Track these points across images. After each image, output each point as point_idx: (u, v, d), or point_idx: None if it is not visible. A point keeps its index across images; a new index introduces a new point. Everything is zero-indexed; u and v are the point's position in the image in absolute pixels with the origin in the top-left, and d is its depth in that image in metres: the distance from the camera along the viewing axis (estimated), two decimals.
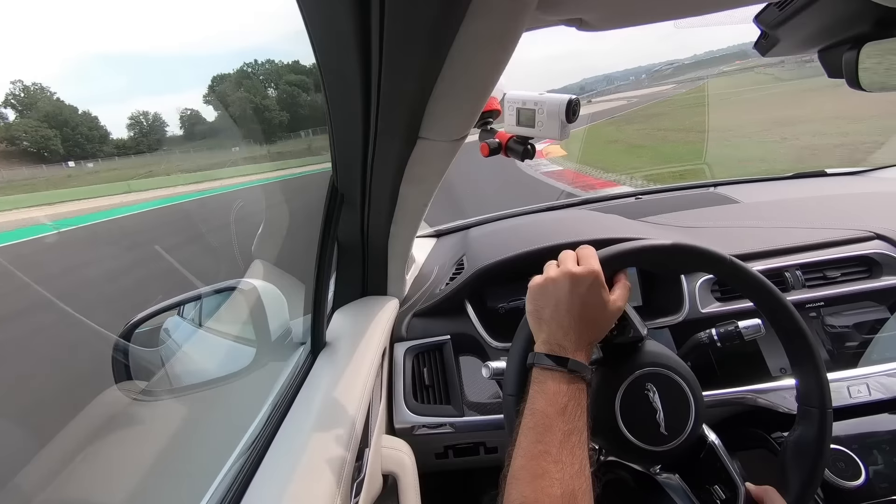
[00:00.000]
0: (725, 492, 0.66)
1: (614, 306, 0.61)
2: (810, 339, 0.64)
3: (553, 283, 0.61)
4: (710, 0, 0.52)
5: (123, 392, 0.77)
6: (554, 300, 0.60)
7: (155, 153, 15.82)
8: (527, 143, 0.82)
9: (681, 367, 0.67)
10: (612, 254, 0.66)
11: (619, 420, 0.63)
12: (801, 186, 1.70)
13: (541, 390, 0.55)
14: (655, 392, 0.64)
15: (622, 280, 0.65)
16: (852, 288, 1.06)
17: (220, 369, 0.81)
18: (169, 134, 30.27)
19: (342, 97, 0.62)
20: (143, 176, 13.43)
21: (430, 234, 1.64)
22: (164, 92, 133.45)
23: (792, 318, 0.64)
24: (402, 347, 1.10)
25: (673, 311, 1.07)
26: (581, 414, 0.54)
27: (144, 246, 5.25)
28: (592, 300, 0.59)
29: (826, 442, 0.62)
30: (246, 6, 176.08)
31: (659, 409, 0.64)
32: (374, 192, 0.84)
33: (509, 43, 0.52)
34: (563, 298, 0.59)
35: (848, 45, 0.67)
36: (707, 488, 0.67)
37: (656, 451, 0.63)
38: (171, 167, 14.69)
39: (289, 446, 0.65)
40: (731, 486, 0.65)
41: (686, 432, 0.64)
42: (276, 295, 0.85)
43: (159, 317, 0.86)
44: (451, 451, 1.07)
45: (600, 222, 1.39)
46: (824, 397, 0.63)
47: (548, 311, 0.60)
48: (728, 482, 0.66)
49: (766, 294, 0.65)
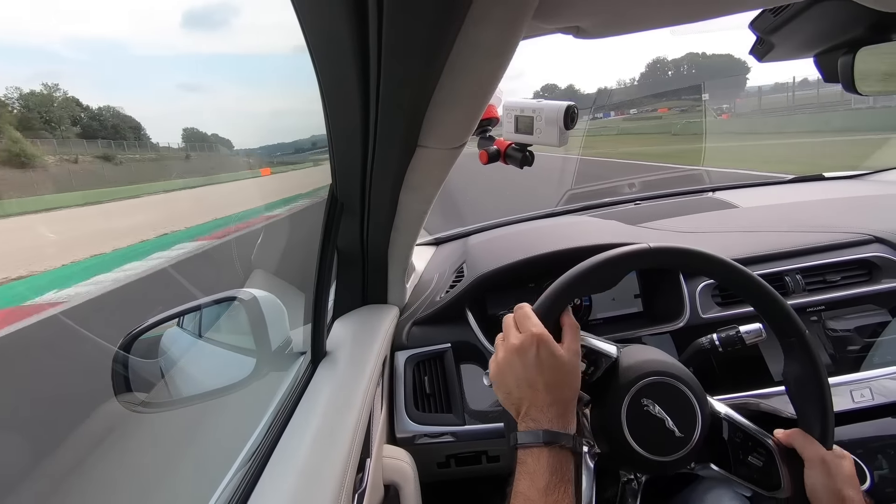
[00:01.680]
0: (760, 457, 0.66)
1: (569, 356, 0.60)
2: (753, 278, 0.66)
3: (505, 362, 0.61)
4: (707, 6, 0.52)
5: (123, 404, 0.76)
6: (513, 379, 0.60)
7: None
8: (525, 150, 0.82)
9: (666, 366, 0.67)
10: (545, 303, 0.65)
11: (635, 447, 0.63)
12: (800, 190, 1.71)
13: (523, 471, 0.55)
14: (653, 404, 0.64)
15: (566, 323, 0.64)
16: (853, 291, 1.06)
17: (220, 380, 0.81)
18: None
19: (341, 106, 0.62)
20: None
21: (429, 242, 1.64)
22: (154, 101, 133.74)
23: (725, 266, 0.67)
24: (402, 356, 1.10)
25: (674, 317, 1.07)
26: (566, 488, 0.53)
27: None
28: (545, 363, 0.58)
29: (817, 363, 0.63)
30: (244, 15, 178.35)
31: (665, 417, 0.64)
32: (374, 200, 0.84)
33: (507, 51, 0.52)
34: (519, 374, 0.59)
35: (843, 50, 0.68)
36: (743, 460, 0.66)
37: (680, 456, 0.63)
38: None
39: (289, 457, 0.64)
40: (762, 447, 0.65)
41: (698, 427, 0.64)
42: (276, 304, 0.85)
43: (159, 328, 0.85)
44: (452, 461, 1.06)
45: (599, 228, 1.39)
46: (797, 325, 0.64)
47: (514, 391, 0.60)
48: (758, 445, 0.66)
49: (698, 258, 0.67)
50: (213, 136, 17.55)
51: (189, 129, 15.67)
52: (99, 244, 5.68)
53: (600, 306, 1.16)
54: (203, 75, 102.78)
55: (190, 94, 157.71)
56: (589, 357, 0.67)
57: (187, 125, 30.60)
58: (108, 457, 0.91)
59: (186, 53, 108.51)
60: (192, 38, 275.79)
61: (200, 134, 15.71)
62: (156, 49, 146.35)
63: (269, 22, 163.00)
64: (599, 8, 0.50)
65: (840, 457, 0.62)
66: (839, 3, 0.55)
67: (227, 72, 60.39)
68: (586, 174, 4.57)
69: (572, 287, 0.66)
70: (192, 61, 75.84)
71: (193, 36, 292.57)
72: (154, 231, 6.81)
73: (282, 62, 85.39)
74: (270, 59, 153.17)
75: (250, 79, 55.19)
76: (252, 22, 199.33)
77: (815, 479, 0.62)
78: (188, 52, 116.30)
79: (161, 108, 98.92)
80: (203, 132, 16.18)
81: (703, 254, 0.68)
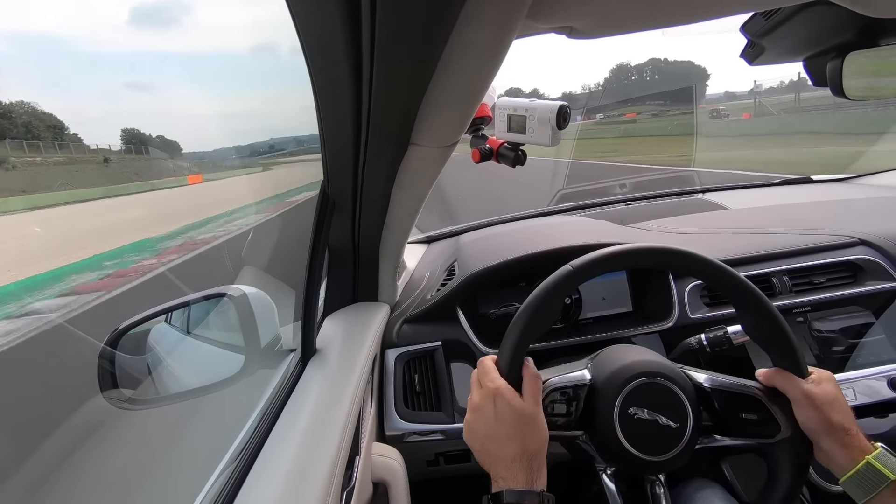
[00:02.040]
0: (753, 410, 0.67)
1: (529, 407, 0.60)
2: (681, 251, 0.67)
3: (471, 419, 0.62)
4: (699, 9, 0.52)
5: (109, 400, 0.76)
6: (478, 436, 0.61)
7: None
8: (518, 149, 0.83)
9: (639, 366, 0.67)
10: (503, 355, 0.64)
11: (641, 456, 0.64)
12: (788, 192, 1.73)
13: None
14: (641, 409, 0.65)
15: (525, 374, 0.63)
16: (838, 293, 1.08)
17: (209, 377, 0.80)
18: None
19: (333, 103, 0.62)
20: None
21: (421, 240, 1.64)
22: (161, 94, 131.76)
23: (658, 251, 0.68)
24: (393, 354, 1.10)
25: (663, 317, 1.08)
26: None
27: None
28: (504, 417, 0.59)
29: (768, 306, 0.65)
30: (239, 14, 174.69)
31: (656, 416, 0.65)
32: (366, 197, 0.84)
33: (500, 51, 0.52)
34: (481, 431, 0.60)
35: (832, 54, 0.68)
36: (740, 419, 0.68)
37: (684, 445, 0.64)
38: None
39: (278, 455, 0.64)
40: (752, 400, 0.67)
41: (689, 413, 0.65)
42: (266, 301, 0.85)
43: (147, 324, 0.84)
44: (442, 459, 1.06)
45: (590, 228, 1.40)
46: (737, 280, 0.66)
47: (480, 448, 0.61)
48: (747, 400, 0.67)
49: (622, 257, 0.67)
50: (158, 138, 15.95)
51: (129, 131, 13.94)
52: None
53: (590, 306, 1.17)
54: (154, 74, 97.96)
55: (140, 94, 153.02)
56: (566, 395, 0.67)
57: (130, 126, 28.66)
58: (93, 454, 0.90)
59: (136, 51, 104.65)
60: (143, 36, 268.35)
61: (141, 135, 14.11)
62: (102, 46, 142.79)
63: (223, 20, 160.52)
64: (592, 8, 0.51)
65: (819, 382, 0.63)
66: (828, 7, 0.55)
67: (180, 71, 56.06)
68: (578, 176, 4.58)
69: (526, 331, 0.64)
70: (142, 59, 73.37)
71: (144, 33, 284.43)
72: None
73: (239, 62, 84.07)
74: (225, 58, 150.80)
75: (208, 79, 52.08)
76: (207, 20, 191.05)
77: (803, 415, 0.63)
78: (138, 49, 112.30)
79: (105, 107, 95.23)
80: (146, 134, 14.46)
81: (622, 249, 0.67)
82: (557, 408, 0.66)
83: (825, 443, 0.61)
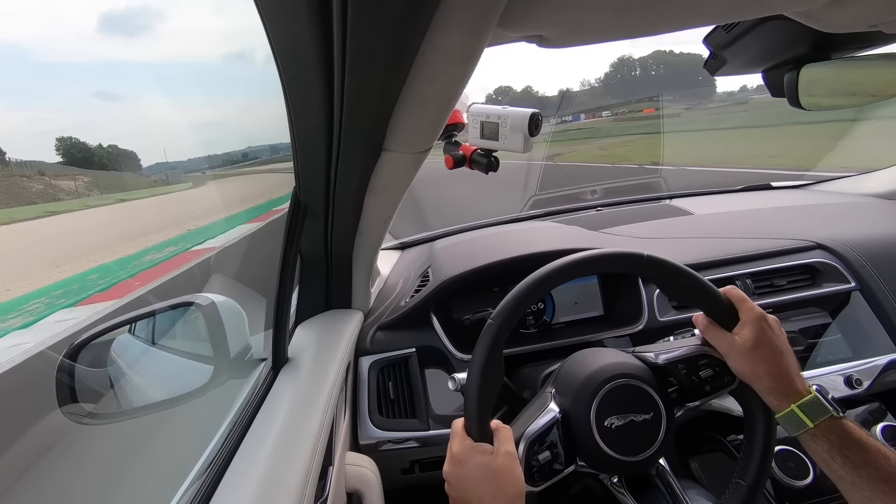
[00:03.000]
0: (706, 365, 0.70)
1: (500, 460, 0.60)
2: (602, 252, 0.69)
3: (452, 482, 0.62)
4: (664, 21, 0.54)
5: (68, 416, 0.72)
6: (459, 488, 0.61)
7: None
8: (491, 155, 0.83)
9: (597, 377, 0.69)
10: (472, 424, 0.64)
11: (626, 459, 0.66)
12: (750, 198, 1.79)
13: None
14: (615, 418, 0.66)
15: (494, 429, 0.64)
16: (797, 295, 1.12)
17: (175, 388, 0.77)
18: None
19: (305, 109, 0.61)
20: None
21: (394, 247, 1.64)
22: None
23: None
24: (366, 361, 1.09)
25: (633, 320, 1.10)
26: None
27: None
28: (476, 475, 0.60)
29: (670, 263, 0.69)
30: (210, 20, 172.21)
31: (630, 416, 0.66)
32: (338, 203, 0.83)
33: (472, 58, 0.53)
34: (458, 489, 0.61)
35: (789, 67, 0.72)
36: (700, 379, 0.70)
37: (664, 437, 0.67)
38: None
39: (248, 467, 0.63)
40: (702, 357, 0.70)
41: (657, 400, 0.67)
42: (235, 310, 0.82)
43: (108, 335, 0.81)
44: (417, 466, 1.05)
45: (562, 233, 1.42)
46: (643, 256, 0.69)
47: (463, 497, 0.61)
48: (697, 358, 0.70)
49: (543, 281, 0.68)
50: (110, 147, 14.37)
51: (68, 140, 12.21)
52: None
53: (563, 310, 1.19)
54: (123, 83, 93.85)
55: (110, 104, 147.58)
56: (545, 442, 0.67)
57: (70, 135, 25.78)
58: (50, 472, 0.86)
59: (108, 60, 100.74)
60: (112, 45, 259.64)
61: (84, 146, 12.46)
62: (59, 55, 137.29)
63: (194, 27, 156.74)
64: (561, 18, 0.52)
65: (742, 329, 0.66)
66: (784, 22, 0.58)
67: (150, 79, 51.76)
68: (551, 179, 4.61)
69: (481, 396, 0.64)
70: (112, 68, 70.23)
71: (102, 41, 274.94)
72: None
73: (210, 69, 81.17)
74: (194, 66, 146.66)
75: (178, 87, 49.02)
76: (177, 27, 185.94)
77: (733, 366, 0.67)
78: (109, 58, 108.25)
79: (73, 117, 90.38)
80: (89, 145, 12.80)
81: (530, 283, 0.67)
82: (542, 456, 0.66)
83: (757, 389, 0.65)
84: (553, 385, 0.74)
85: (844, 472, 0.57)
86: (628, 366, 0.70)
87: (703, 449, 1.02)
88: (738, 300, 0.68)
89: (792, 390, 0.62)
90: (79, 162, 11.69)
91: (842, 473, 0.57)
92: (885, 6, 0.51)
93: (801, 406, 0.60)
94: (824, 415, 0.59)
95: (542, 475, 0.66)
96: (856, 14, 0.52)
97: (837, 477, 0.58)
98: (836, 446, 0.58)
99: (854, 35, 0.59)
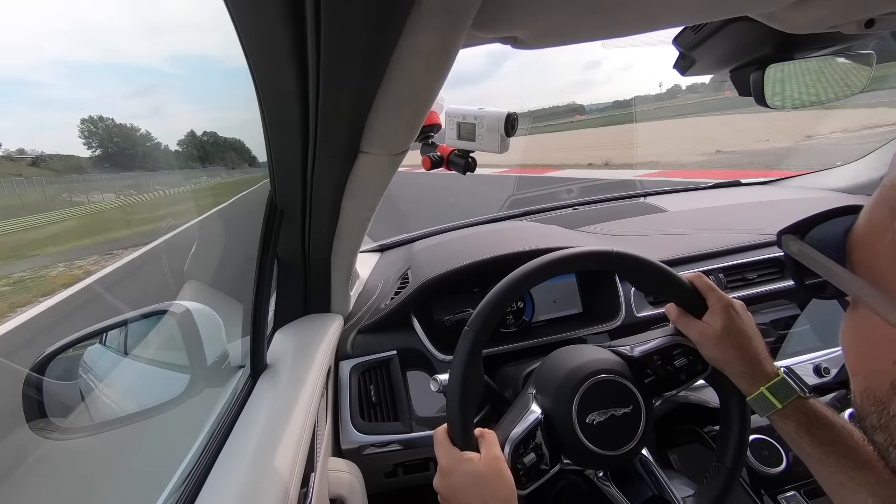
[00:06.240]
0: (679, 354, 0.72)
1: (486, 467, 0.60)
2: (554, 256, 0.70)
3: (444, 493, 0.62)
4: (635, 23, 0.55)
5: (37, 431, 0.70)
6: (449, 494, 0.61)
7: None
8: (468, 156, 0.84)
9: (577, 372, 0.70)
10: (455, 431, 0.65)
11: (611, 453, 0.67)
12: (720, 195, 1.84)
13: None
14: (596, 414, 0.68)
15: (479, 436, 0.65)
16: (767, 288, 1.15)
17: (150, 399, 0.75)
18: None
19: (279, 111, 0.60)
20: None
21: (373, 249, 1.63)
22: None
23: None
24: (347, 365, 1.08)
25: (611, 316, 1.12)
26: None
27: None
28: (465, 484, 0.60)
29: (636, 256, 0.70)
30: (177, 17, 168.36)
31: (611, 412, 0.67)
32: (315, 207, 0.82)
33: (446, 59, 0.53)
34: (449, 498, 0.61)
35: (755, 67, 0.74)
36: (676, 368, 0.72)
37: (644, 427, 0.68)
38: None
39: (228, 477, 0.61)
40: (675, 347, 0.72)
41: (635, 392, 0.69)
42: (211, 317, 0.81)
43: (78, 346, 0.78)
44: (400, 469, 1.05)
45: (540, 232, 1.43)
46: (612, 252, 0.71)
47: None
48: (671, 349, 0.73)
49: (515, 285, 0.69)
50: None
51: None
52: None
53: (542, 309, 1.20)
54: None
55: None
56: (529, 444, 0.67)
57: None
58: (18, 488, 0.82)
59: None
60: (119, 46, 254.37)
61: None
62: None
63: (161, 25, 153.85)
64: (535, 19, 0.52)
65: (711, 317, 0.68)
66: (750, 24, 0.60)
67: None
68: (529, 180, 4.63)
69: (463, 404, 0.65)
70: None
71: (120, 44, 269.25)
72: None
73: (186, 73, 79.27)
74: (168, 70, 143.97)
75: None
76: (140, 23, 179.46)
77: (706, 352, 0.69)
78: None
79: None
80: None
81: (500, 291, 0.68)
82: (528, 458, 0.67)
83: (729, 374, 0.67)
84: (534, 385, 0.75)
85: (812, 450, 0.59)
86: (605, 361, 0.71)
87: (681, 441, 1.04)
88: (705, 289, 0.70)
89: (761, 373, 0.64)
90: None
91: (809, 451, 0.59)
92: (842, 9, 0.53)
93: (769, 388, 0.63)
94: (792, 395, 0.61)
95: (529, 477, 0.66)
96: (816, 16, 0.54)
97: (805, 454, 0.60)
98: (803, 425, 0.60)
99: (815, 36, 0.61)
